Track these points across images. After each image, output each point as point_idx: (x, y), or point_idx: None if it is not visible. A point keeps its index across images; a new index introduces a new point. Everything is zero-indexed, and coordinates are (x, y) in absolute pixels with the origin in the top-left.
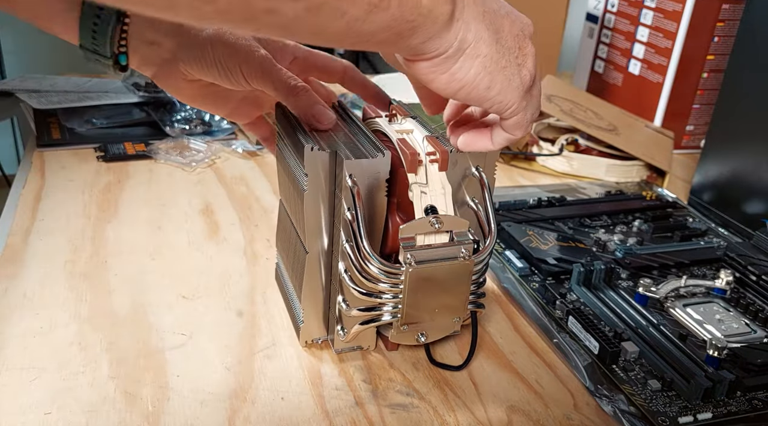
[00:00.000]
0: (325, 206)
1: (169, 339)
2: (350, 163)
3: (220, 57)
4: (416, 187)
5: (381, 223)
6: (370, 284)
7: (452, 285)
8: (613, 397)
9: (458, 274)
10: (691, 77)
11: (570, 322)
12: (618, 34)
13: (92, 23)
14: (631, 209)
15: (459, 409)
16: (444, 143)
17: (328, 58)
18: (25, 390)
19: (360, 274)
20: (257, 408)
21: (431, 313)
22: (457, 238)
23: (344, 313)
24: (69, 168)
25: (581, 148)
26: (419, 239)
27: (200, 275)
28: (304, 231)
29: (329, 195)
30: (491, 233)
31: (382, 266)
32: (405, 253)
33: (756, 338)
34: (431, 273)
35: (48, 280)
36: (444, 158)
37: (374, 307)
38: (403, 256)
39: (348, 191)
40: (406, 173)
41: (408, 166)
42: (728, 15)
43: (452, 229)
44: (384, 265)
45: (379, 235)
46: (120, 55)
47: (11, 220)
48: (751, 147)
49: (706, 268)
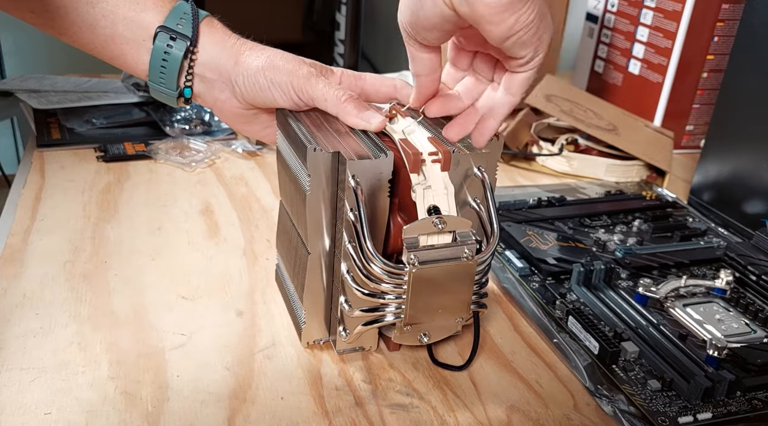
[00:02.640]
0: (328, 207)
1: (169, 339)
2: (353, 163)
3: (272, 79)
4: (419, 188)
5: (383, 224)
6: (373, 285)
7: (455, 285)
8: (613, 397)
9: (461, 275)
10: (691, 77)
11: (570, 322)
12: (618, 34)
13: (161, 59)
14: (631, 209)
15: (459, 409)
16: (446, 143)
17: (377, 78)
18: (25, 390)
19: (363, 275)
20: (257, 408)
21: (434, 314)
22: (460, 238)
23: (346, 313)
24: (69, 168)
25: (581, 148)
26: (422, 240)
27: (200, 275)
28: (306, 232)
29: (332, 196)
30: (494, 233)
31: (385, 267)
32: (408, 254)
33: (756, 338)
34: (434, 273)
35: (48, 280)
36: (446, 158)
37: (377, 307)
38: (407, 257)
39: (351, 192)
40: (408, 174)
41: (410, 167)
42: (728, 15)
43: (455, 229)
44: (387, 265)
45: (382, 235)
46: (186, 89)
47: (11, 220)
48: (751, 147)
49: (706, 268)
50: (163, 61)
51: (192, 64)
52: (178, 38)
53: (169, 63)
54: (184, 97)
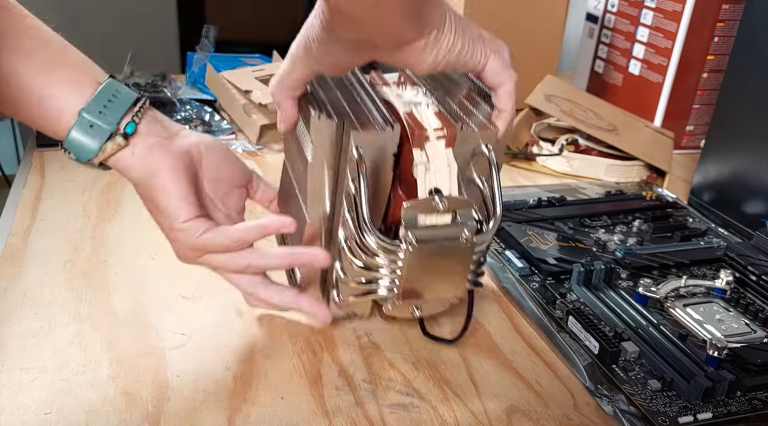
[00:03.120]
0: (330, 174)
1: (169, 339)
2: (357, 135)
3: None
4: (421, 164)
5: (385, 197)
6: (368, 258)
7: (452, 265)
8: (613, 397)
9: (459, 255)
10: (691, 77)
11: (570, 322)
12: (618, 34)
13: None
14: (631, 209)
15: (459, 409)
16: (453, 119)
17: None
18: (25, 390)
19: (359, 247)
20: (257, 408)
21: (428, 291)
22: (460, 218)
23: (341, 280)
24: (69, 168)
25: (581, 148)
26: (421, 219)
27: (200, 275)
28: (306, 197)
29: (334, 163)
30: (496, 214)
31: (381, 242)
32: (406, 232)
33: (756, 338)
34: (431, 253)
35: (48, 279)
36: (452, 135)
37: (371, 280)
38: (404, 235)
39: (353, 163)
40: (411, 148)
41: (414, 142)
42: (728, 15)
43: (456, 209)
44: (383, 241)
45: (383, 207)
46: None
47: (11, 220)
48: (751, 147)
49: (706, 268)
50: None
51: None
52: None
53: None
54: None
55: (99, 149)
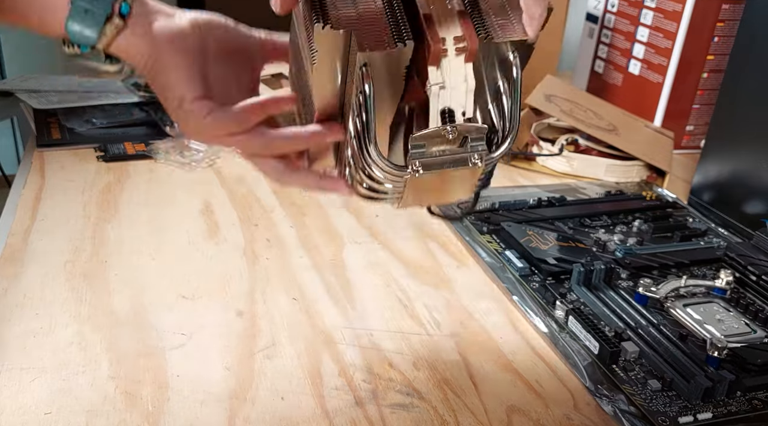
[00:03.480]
0: (335, 82)
1: (169, 339)
2: (364, 53)
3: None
4: (436, 85)
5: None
6: (374, 184)
7: (457, 185)
8: (613, 397)
9: (465, 177)
10: (691, 77)
11: (570, 322)
12: (618, 34)
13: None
14: (631, 209)
15: (459, 409)
16: (478, 28)
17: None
18: (25, 390)
19: (364, 174)
20: (257, 408)
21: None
22: (471, 143)
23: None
24: (69, 168)
25: (581, 148)
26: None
27: (200, 275)
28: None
29: (342, 67)
30: (510, 132)
31: (386, 168)
32: (413, 162)
33: (756, 338)
34: (437, 174)
35: (48, 280)
36: (473, 49)
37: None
38: (411, 164)
39: (359, 80)
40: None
41: (431, 60)
42: (728, 15)
43: (469, 135)
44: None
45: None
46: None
47: (11, 220)
48: (751, 147)
49: (706, 268)
50: None
51: None
52: None
53: None
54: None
55: (99, 33)
